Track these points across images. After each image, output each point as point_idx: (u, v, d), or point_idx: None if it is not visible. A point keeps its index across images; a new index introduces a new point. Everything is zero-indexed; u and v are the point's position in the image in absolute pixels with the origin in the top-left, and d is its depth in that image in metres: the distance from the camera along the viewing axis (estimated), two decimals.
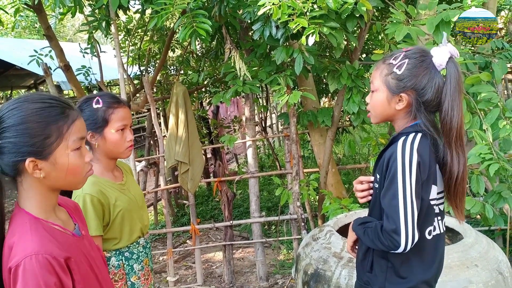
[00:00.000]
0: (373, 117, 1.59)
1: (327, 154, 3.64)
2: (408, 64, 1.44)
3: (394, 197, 1.39)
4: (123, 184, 1.94)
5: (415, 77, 1.43)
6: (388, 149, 1.48)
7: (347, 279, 2.23)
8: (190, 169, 3.86)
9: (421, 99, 1.44)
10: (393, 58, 1.48)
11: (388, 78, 1.47)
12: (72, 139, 1.14)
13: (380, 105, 1.51)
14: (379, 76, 1.50)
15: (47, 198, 1.17)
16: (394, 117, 1.53)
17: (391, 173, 1.41)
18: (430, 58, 1.45)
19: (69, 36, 17.36)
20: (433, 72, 1.44)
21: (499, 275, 2.21)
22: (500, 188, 2.87)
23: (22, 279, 1.03)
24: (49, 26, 3.84)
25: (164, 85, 5.38)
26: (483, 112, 2.78)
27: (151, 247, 2.10)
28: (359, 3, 2.61)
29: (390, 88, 1.47)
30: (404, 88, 1.45)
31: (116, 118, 1.81)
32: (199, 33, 2.67)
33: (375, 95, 1.53)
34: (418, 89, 1.44)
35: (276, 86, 3.14)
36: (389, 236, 1.38)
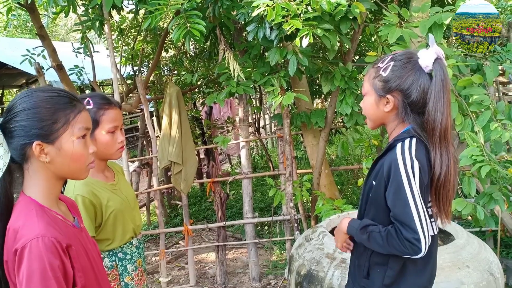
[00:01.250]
0: (368, 122, 1.61)
1: (320, 155, 3.65)
2: (393, 66, 1.46)
3: (406, 206, 1.40)
4: (115, 184, 1.93)
5: (399, 78, 1.45)
6: (385, 157, 1.49)
7: (340, 279, 2.24)
8: (183, 169, 3.85)
9: (407, 100, 1.46)
10: (380, 61, 1.51)
11: (375, 81, 1.50)
12: (78, 127, 1.20)
13: (370, 108, 1.54)
14: (368, 79, 1.54)
15: (51, 186, 1.22)
16: (384, 120, 1.55)
17: (395, 182, 1.41)
18: (415, 60, 1.46)
19: (62, 36, 17.25)
20: (418, 74, 1.45)
21: (490, 276, 2.23)
22: (491, 190, 2.89)
23: (28, 260, 1.07)
24: (42, 26, 3.81)
25: (158, 85, 5.36)
26: (474, 114, 2.81)
27: (144, 247, 2.10)
28: (353, 5, 2.62)
29: (377, 90, 1.50)
30: (389, 89, 1.47)
31: (107, 120, 1.80)
32: (193, 33, 2.67)
33: (365, 99, 1.56)
34: (403, 90, 1.45)
35: (270, 87, 3.15)
36: (410, 244, 1.40)
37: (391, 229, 1.45)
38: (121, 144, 1.87)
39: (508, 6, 6.43)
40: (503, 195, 2.91)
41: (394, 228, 1.45)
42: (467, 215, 2.90)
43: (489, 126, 2.70)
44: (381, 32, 2.69)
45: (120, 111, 1.89)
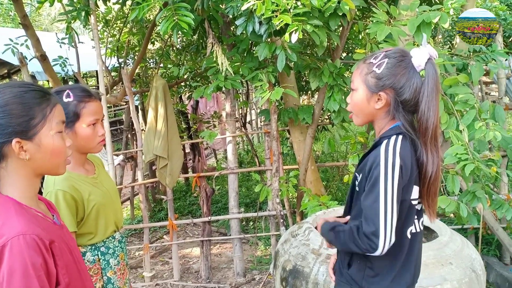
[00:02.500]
0: (355, 118, 1.59)
1: (306, 152, 3.66)
2: (387, 63, 1.45)
3: (375, 201, 1.40)
4: (96, 177, 1.90)
5: (393, 76, 1.45)
6: (371, 153, 1.49)
7: (325, 275, 2.25)
8: (169, 164, 3.82)
9: (399, 98, 1.46)
10: (373, 57, 1.49)
11: (367, 77, 1.48)
12: (55, 122, 1.18)
13: (360, 104, 1.52)
14: (359, 75, 1.51)
15: (30, 184, 1.19)
16: (374, 116, 1.54)
17: (373, 177, 1.42)
18: (409, 59, 1.47)
19: (45, 26, 16.95)
20: (412, 72, 1.45)
21: (473, 273, 2.26)
22: (474, 188, 2.93)
23: (9, 259, 1.03)
24: (26, 15, 3.74)
25: (143, 78, 5.30)
26: (459, 113, 2.84)
27: (126, 241, 2.08)
28: (342, 2, 2.62)
29: (369, 86, 1.48)
30: (383, 86, 1.46)
31: (88, 113, 1.76)
32: (181, 26, 2.64)
33: (355, 94, 1.54)
34: (397, 88, 1.45)
35: (258, 82, 3.13)
36: (367, 239, 1.40)
37: (353, 227, 1.47)
38: (102, 137, 1.84)
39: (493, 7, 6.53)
40: (485, 193, 2.95)
41: (356, 225, 1.46)
42: (450, 212, 2.94)
43: (474, 125, 2.74)
44: (369, 29, 2.70)
45: (100, 103, 1.85)
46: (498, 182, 3.90)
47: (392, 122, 1.51)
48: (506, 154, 3.56)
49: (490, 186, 3.71)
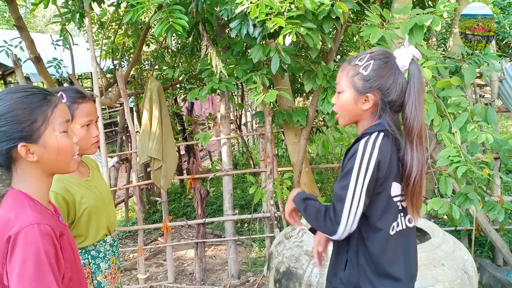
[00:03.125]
0: (341, 118, 1.62)
1: (301, 153, 3.67)
2: (373, 65, 1.48)
3: (344, 188, 1.45)
4: (89, 180, 1.89)
5: (380, 77, 1.48)
6: (352, 147, 1.53)
7: (318, 277, 2.26)
8: (163, 165, 3.82)
9: (386, 99, 1.49)
10: (358, 59, 1.51)
11: (354, 79, 1.50)
12: (58, 122, 1.21)
13: (347, 105, 1.54)
14: (345, 77, 1.53)
15: (41, 183, 1.24)
16: (360, 117, 1.56)
17: (348, 166, 1.47)
18: (394, 60, 1.50)
19: (40, 27, 16.90)
20: (397, 73, 1.49)
21: (465, 274, 2.28)
22: (466, 190, 2.95)
23: (23, 245, 1.07)
24: (20, 17, 3.73)
25: (138, 80, 5.30)
26: (452, 115, 2.86)
27: (118, 245, 2.05)
28: (336, 5, 2.63)
29: (357, 88, 1.50)
30: (370, 88, 1.48)
31: (81, 114, 1.76)
32: (175, 28, 2.64)
33: (342, 96, 1.55)
34: (384, 89, 1.48)
35: (252, 85, 3.14)
36: (330, 222, 1.47)
37: (322, 207, 1.53)
38: (96, 138, 1.84)
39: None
40: (478, 195, 2.97)
41: (326, 207, 1.53)
42: (443, 214, 2.95)
43: (466, 128, 2.76)
44: (363, 32, 2.72)
45: (94, 104, 1.86)
46: (491, 184, 3.92)
47: (371, 119, 1.55)
48: (499, 156, 3.59)
49: (483, 188, 3.73)
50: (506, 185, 5.43)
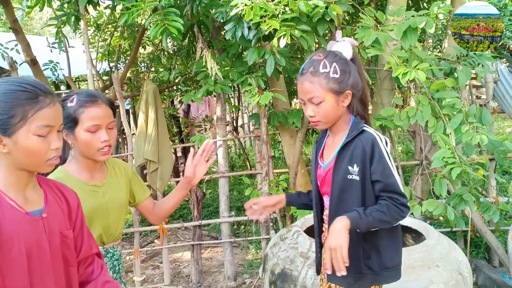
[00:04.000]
0: (323, 124, 1.70)
1: (296, 155, 3.68)
2: (338, 66, 1.61)
3: (391, 176, 1.60)
4: (99, 186, 1.83)
5: (348, 73, 1.63)
6: (356, 140, 1.64)
7: (313, 278, 2.26)
8: (159, 168, 3.82)
9: (355, 89, 1.65)
10: (321, 67, 1.61)
11: (329, 85, 1.60)
12: (36, 124, 1.21)
13: (331, 110, 1.64)
14: (320, 88, 1.61)
15: (12, 175, 1.25)
16: (342, 115, 1.69)
17: (380, 157, 1.60)
18: (342, 54, 1.66)
19: (37, 30, 16.88)
20: (351, 64, 1.66)
21: (459, 276, 2.29)
22: (461, 191, 2.96)
23: None
24: (16, 19, 3.74)
25: (134, 82, 5.30)
26: (447, 117, 2.87)
27: (118, 257, 1.96)
28: (330, 8, 2.65)
29: (336, 91, 1.62)
30: (346, 86, 1.62)
31: (86, 118, 1.71)
32: (170, 31, 2.65)
33: (323, 106, 1.63)
34: (354, 82, 1.64)
35: (248, 87, 3.15)
36: (405, 208, 1.60)
37: (386, 202, 1.60)
38: (104, 143, 1.74)
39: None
40: (473, 197, 2.98)
41: (386, 200, 1.60)
42: (438, 215, 2.97)
43: (461, 129, 2.77)
44: (357, 34, 2.73)
45: (106, 108, 1.78)
46: (486, 185, 3.94)
47: (349, 114, 1.71)
48: (494, 157, 3.61)
49: (478, 189, 3.74)
50: (502, 186, 5.45)
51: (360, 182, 1.63)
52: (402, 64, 2.74)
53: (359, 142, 1.62)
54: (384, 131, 3.33)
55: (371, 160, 1.60)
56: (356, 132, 1.64)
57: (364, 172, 1.62)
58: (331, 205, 1.71)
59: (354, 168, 1.62)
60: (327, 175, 1.74)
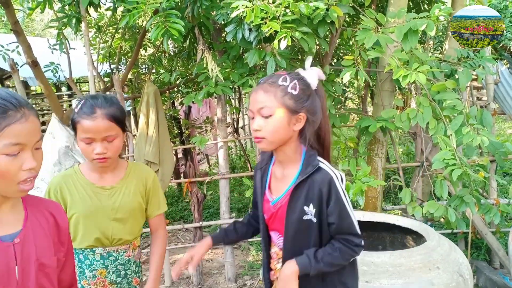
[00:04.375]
0: (267, 143, 1.52)
1: None
2: (299, 85, 1.49)
3: (348, 216, 1.53)
4: (107, 189, 1.85)
5: (307, 96, 1.50)
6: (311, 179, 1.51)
7: None
8: (160, 169, 3.82)
9: (312, 117, 1.51)
10: (281, 80, 1.49)
11: (285, 99, 1.47)
12: (3, 143, 1.07)
13: (280, 127, 1.49)
14: (274, 99, 1.47)
15: None
16: (289, 139, 1.53)
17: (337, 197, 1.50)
18: (307, 79, 1.53)
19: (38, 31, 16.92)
20: (313, 91, 1.53)
21: (460, 277, 2.28)
22: (462, 193, 2.96)
23: None
24: (17, 21, 3.73)
25: (135, 84, 5.31)
26: (447, 118, 2.87)
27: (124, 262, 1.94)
28: (331, 10, 2.65)
29: (290, 108, 1.48)
30: (302, 107, 1.48)
31: (80, 129, 1.74)
32: (171, 33, 2.66)
33: (272, 119, 1.48)
34: (311, 107, 1.50)
35: (248, 88, 3.16)
36: (359, 248, 1.55)
37: (339, 246, 1.53)
38: (98, 155, 1.74)
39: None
40: (474, 198, 2.98)
41: (340, 242, 1.53)
42: (439, 217, 2.97)
43: (462, 131, 2.77)
44: (358, 36, 2.73)
45: (105, 122, 1.72)
46: (487, 186, 3.93)
47: (300, 144, 1.57)
48: (495, 159, 3.61)
49: (479, 191, 3.74)
50: (503, 187, 5.44)
51: (317, 223, 1.53)
52: (403, 66, 2.75)
53: (315, 181, 1.50)
54: (385, 132, 3.34)
55: (328, 201, 1.50)
56: (312, 169, 1.50)
57: (320, 213, 1.51)
58: (285, 245, 1.60)
59: (310, 208, 1.52)
60: (278, 212, 1.60)
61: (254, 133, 1.51)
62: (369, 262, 2.21)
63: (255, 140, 1.53)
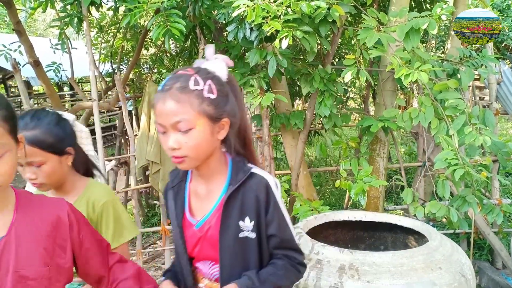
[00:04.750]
0: (191, 162, 1.26)
1: (298, 157, 3.67)
2: (215, 85, 1.25)
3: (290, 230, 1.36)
4: None
5: (225, 96, 1.27)
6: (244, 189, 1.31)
7: (315, 280, 2.25)
8: (162, 169, 3.82)
9: (234, 119, 1.29)
10: (192, 83, 1.22)
11: (203, 107, 1.22)
12: None
13: (204, 141, 1.24)
14: (191, 109, 1.20)
15: None
16: (214, 150, 1.31)
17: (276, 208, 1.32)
18: (218, 75, 1.29)
19: (40, 31, 16.95)
20: (227, 87, 1.30)
21: (462, 278, 2.27)
22: (464, 193, 2.95)
23: None
24: (19, 21, 3.75)
25: (137, 84, 5.31)
26: (450, 118, 2.86)
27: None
28: (332, 9, 2.64)
29: (211, 116, 1.23)
30: (223, 112, 1.26)
31: None
32: (172, 32, 2.66)
33: (193, 133, 1.22)
34: (232, 110, 1.28)
35: (250, 88, 3.15)
36: (302, 267, 1.41)
37: (283, 263, 1.35)
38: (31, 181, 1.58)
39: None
40: (476, 198, 2.97)
41: (283, 259, 1.35)
42: (441, 217, 2.95)
43: (464, 130, 2.76)
44: (359, 35, 2.72)
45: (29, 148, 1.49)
46: (490, 187, 3.92)
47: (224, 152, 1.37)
48: (497, 159, 3.59)
49: (481, 191, 3.73)
50: (505, 188, 5.42)
51: (257, 239, 1.31)
52: (405, 66, 2.74)
53: (250, 188, 1.29)
54: (387, 132, 3.32)
55: (267, 209, 1.29)
56: (244, 175, 1.30)
57: (259, 226, 1.30)
58: (223, 274, 1.34)
59: (246, 223, 1.30)
60: (207, 236, 1.34)
61: (172, 152, 1.23)
62: (371, 262, 2.20)
63: (174, 160, 1.25)
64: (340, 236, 2.92)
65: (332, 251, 2.28)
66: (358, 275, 2.14)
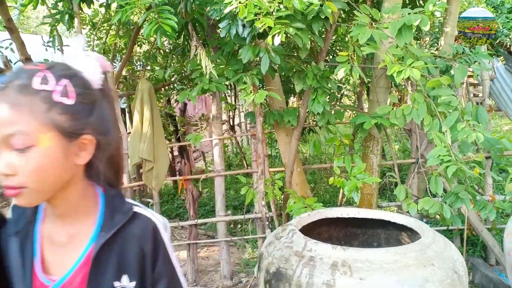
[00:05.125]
0: (32, 195, 0.88)
1: (292, 154, 3.66)
2: (74, 87, 0.90)
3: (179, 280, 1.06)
4: None
5: (91, 105, 0.93)
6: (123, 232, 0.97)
7: (307, 277, 2.25)
8: (155, 167, 3.80)
9: (103, 139, 0.95)
10: (38, 81, 0.87)
11: (53, 116, 0.87)
12: None
13: (52, 165, 0.88)
14: (30, 117, 0.85)
15: None
16: (71, 179, 0.94)
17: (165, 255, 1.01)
18: (85, 76, 0.94)
19: (33, 28, 16.83)
20: (98, 95, 0.96)
21: (455, 274, 2.27)
22: (458, 189, 2.95)
23: None
24: (10, 18, 3.71)
25: (130, 81, 5.28)
26: (442, 114, 2.86)
27: None
28: (325, 5, 2.63)
29: (64, 130, 0.88)
30: (85, 126, 0.91)
31: None
32: (164, 29, 2.63)
33: (35, 153, 0.85)
34: (99, 124, 0.94)
35: (243, 85, 3.14)
36: None
37: None
38: None
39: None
40: (469, 195, 2.97)
41: None
42: (434, 213, 2.96)
43: (456, 127, 2.76)
44: (352, 32, 2.71)
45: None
46: (483, 183, 3.93)
47: (91, 182, 1.01)
48: (490, 155, 3.60)
49: (474, 187, 3.74)
50: (498, 184, 5.45)
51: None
52: (397, 62, 2.73)
53: (132, 235, 0.97)
54: (380, 129, 3.32)
55: (154, 264, 0.99)
56: (123, 217, 0.97)
57: (143, 285, 0.98)
58: None
59: (125, 283, 0.96)
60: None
61: (3, 179, 0.86)
62: (364, 259, 2.20)
63: (7, 192, 0.87)
64: (334, 233, 2.92)
65: (325, 248, 2.28)
66: (350, 271, 2.13)
